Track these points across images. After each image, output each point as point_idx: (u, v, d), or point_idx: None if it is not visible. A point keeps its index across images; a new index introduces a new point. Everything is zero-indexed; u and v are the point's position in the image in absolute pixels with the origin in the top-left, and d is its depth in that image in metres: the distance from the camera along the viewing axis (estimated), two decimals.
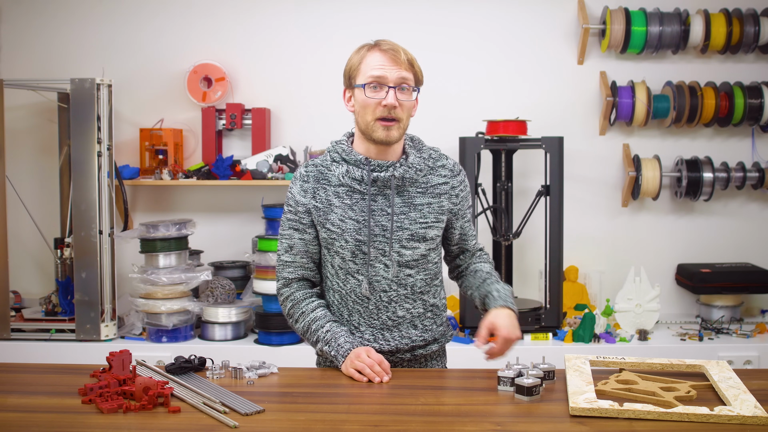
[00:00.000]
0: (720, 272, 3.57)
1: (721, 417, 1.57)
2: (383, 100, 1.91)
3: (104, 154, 3.36)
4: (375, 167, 1.97)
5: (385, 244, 1.97)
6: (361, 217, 1.97)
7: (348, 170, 1.98)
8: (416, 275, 2.02)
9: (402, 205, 1.99)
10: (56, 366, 2.06)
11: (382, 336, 2.02)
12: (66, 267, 3.49)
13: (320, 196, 2.00)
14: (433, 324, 2.08)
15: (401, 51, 1.94)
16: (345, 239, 1.97)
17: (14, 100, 3.68)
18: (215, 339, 3.41)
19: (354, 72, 1.97)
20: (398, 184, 1.98)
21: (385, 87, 1.92)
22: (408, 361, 2.06)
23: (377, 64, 1.92)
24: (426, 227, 2.00)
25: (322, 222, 2.00)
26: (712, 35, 3.61)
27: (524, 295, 3.76)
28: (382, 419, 1.62)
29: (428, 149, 2.06)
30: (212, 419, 1.62)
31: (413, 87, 1.96)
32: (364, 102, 1.94)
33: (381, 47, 1.94)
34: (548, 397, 1.76)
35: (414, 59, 1.97)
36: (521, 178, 3.71)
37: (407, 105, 1.95)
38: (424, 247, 2.01)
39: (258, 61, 3.81)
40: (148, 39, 3.82)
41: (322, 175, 2.01)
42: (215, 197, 3.86)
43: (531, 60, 3.79)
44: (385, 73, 1.92)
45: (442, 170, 2.05)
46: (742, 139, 3.79)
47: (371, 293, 1.99)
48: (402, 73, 1.93)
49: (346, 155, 1.99)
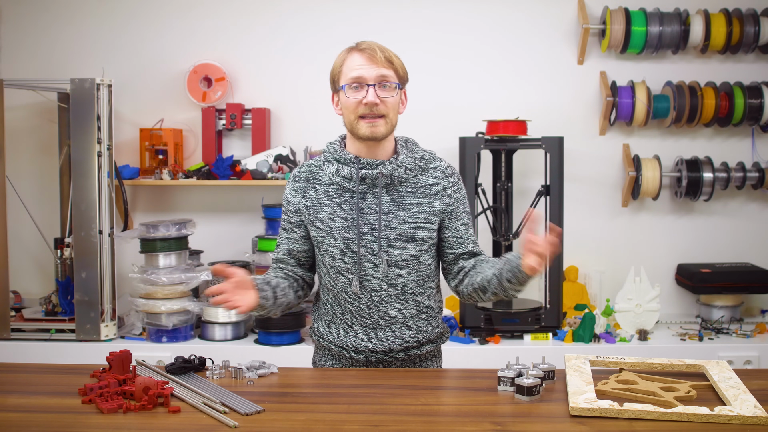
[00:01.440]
0: (720, 272, 3.57)
1: (721, 417, 1.57)
2: (363, 98, 1.94)
3: (104, 154, 3.36)
4: (364, 165, 1.99)
5: (373, 243, 1.98)
6: (350, 215, 1.98)
7: (338, 169, 2.00)
8: (407, 276, 2.01)
9: (391, 204, 1.99)
10: (56, 366, 2.07)
11: (375, 335, 2.02)
12: (66, 267, 3.49)
13: (310, 195, 2.03)
14: (428, 326, 2.07)
15: (378, 50, 1.96)
16: (334, 237, 1.99)
17: (14, 100, 3.68)
18: (215, 339, 3.41)
19: (337, 75, 2.01)
20: (387, 183, 1.99)
21: (365, 86, 1.94)
22: (402, 361, 2.06)
23: (356, 65, 1.96)
24: (415, 227, 2.00)
25: (312, 221, 2.02)
26: (712, 35, 3.61)
27: (524, 295, 3.74)
28: (382, 419, 1.62)
29: (422, 150, 2.07)
30: (212, 419, 1.62)
31: (396, 84, 1.97)
32: (346, 102, 1.98)
33: (359, 48, 1.98)
34: (548, 397, 1.76)
35: (393, 56, 1.99)
36: (521, 178, 3.71)
37: (391, 101, 1.97)
38: (413, 247, 2.00)
39: (258, 61, 3.81)
40: (148, 39, 3.82)
41: (313, 175, 2.05)
42: (215, 197, 3.86)
43: (531, 60, 3.79)
44: (363, 73, 1.95)
45: (434, 171, 2.05)
46: (742, 139, 3.79)
47: (362, 292, 2.00)
48: (380, 71, 1.95)
49: (337, 154, 2.02)
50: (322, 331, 2.10)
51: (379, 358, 2.04)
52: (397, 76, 1.98)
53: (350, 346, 2.03)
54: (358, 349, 2.03)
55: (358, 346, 2.02)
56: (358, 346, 2.02)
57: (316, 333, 2.13)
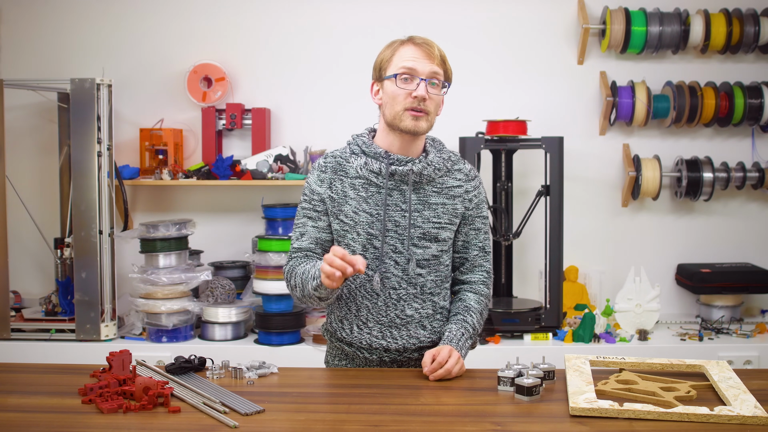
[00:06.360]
0: (720, 272, 3.57)
1: (721, 417, 1.57)
2: (414, 91, 1.93)
3: (104, 154, 3.36)
4: (394, 161, 1.97)
5: (396, 240, 1.97)
6: (375, 211, 1.97)
7: (366, 162, 1.98)
8: (427, 275, 2.01)
9: (417, 202, 1.99)
10: (56, 366, 2.06)
11: (390, 334, 2.01)
12: (66, 267, 3.49)
13: (336, 187, 2.00)
14: (443, 326, 2.07)
15: (435, 46, 1.96)
16: (357, 232, 1.98)
17: (14, 100, 3.68)
18: (215, 339, 3.41)
19: (385, 64, 1.98)
20: (415, 181, 1.98)
21: (416, 79, 1.93)
22: (416, 360, 2.05)
23: (410, 56, 1.94)
24: (439, 227, 2.00)
25: (335, 213, 2.00)
26: (712, 35, 3.61)
27: (524, 295, 3.76)
28: (382, 419, 1.62)
29: (449, 152, 2.06)
30: (212, 419, 1.62)
31: (443, 82, 1.97)
32: (393, 92, 1.95)
33: (415, 41, 1.97)
34: (548, 397, 1.76)
35: (446, 56, 1.99)
36: (521, 178, 3.71)
37: (436, 99, 1.97)
38: (435, 247, 2.00)
39: (258, 61, 3.81)
40: (148, 39, 3.82)
41: (340, 167, 2.02)
42: (215, 197, 3.86)
43: (531, 60, 3.79)
44: (417, 66, 1.93)
45: (458, 174, 2.05)
46: (742, 139, 3.79)
47: (381, 290, 1.99)
48: (434, 68, 1.94)
49: (366, 148, 2.00)
50: (334, 327, 2.08)
51: (393, 357, 2.03)
52: (445, 76, 1.98)
53: (364, 343, 2.02)
54: (372, 347, 2.02)
55: (372, 344, 2.01)
56: (372, 344, 2.01)
57: (328, 329, 2.12)
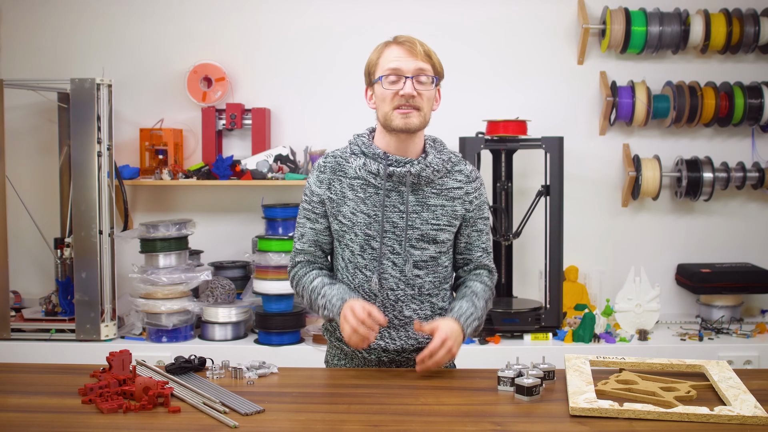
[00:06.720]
0: (720, 272, 3.57)
1: (721, 417, 1.57)
2: (400, 90, 1.93)
3: (104, 154, 3.36)
4: (392, 162, 1.97)
5: (394, 242, 1.98)
6: (373, 212, 1.98)
7: (365, 163, 1.98)
8: (425, 277, 2.01)
9: (415, 203, 1.99)
10: (56, 366, 2.07)
11: (389, 335, 2.02)
12: (66, 267, 3.49)
13: (335, 188, 2.01)
14: None
15: (417, 43, 1.97)
16: (355, 233, 1.98)
17: (14, 100, 3.68)
18: (215, 339, 3.41)
19: (373, 68, 1.99)
20: (414, 182, 1.98)
21: (403, 78, 1.94)
22: (415, 361, 2.05)
23: (394, 57, 1.95)
24: (437, 229, 2.00)
25: (334, 214, 2.01)
26: (712, 35, 3.61)
27: (524, 295, 3.76)
28: (382, 419, 1.62)
29: (449, 152, 2.06)
30: (212, 419, 1.62)
31: (432, 77, 1.97)
32: (382, 95, 1.96)
33: (397, 41, 1.98)
34: (548, 397, 1.76)
35: (431, 51, 1.99)
36: (521, 178, 3.71)
37: (427, 95, 1.97)
38: (433, 249, 2.00)
39: (258, 61, 3.81)
40: (148, 39, 3.82)
41: (339, 167, 2.03)
42: (215, 197, 3.86)
43: (531, 60, 3.79)
44: (401, 65, 1.94)
45: (459, 175, 2.04)
46: (742, 139, 3.79)
47: (379, 290, 1.99)
48: (419, 64, 1.94)
49: (365, 148, 2.00)
50: (334, 327, 2.08)
51: (392, 357, 2.04)
52: (434, 71, 1.98)
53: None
54: (370, 347, 2.02)
55: (371, 344, 2.00)
56: (370, 344, 2.00)
57: (328, 329, 2.12)
